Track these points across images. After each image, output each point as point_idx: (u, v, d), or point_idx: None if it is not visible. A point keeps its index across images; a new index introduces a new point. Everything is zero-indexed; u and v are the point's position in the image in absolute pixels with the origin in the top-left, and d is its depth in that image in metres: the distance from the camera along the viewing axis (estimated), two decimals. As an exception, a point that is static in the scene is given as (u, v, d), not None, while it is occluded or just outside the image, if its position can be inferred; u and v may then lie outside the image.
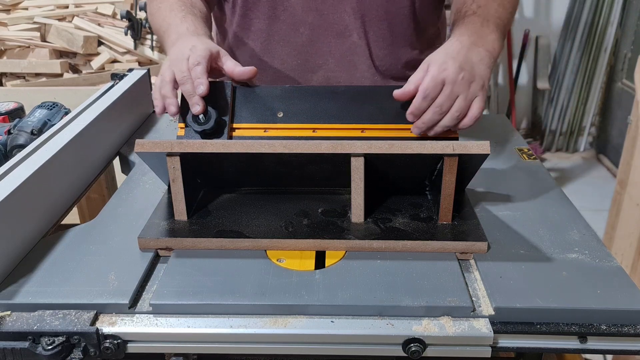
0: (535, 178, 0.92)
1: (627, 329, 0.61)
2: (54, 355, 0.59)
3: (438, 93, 0.81)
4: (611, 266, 0.69)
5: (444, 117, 0.81)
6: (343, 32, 1.09)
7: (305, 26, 1.09)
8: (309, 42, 1.10)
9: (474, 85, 0.83)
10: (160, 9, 1.03)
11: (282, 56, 1.12)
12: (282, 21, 1.09)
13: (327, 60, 1.12)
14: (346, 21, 1.08)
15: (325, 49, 1.11)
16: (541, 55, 3.48)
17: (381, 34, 1.11)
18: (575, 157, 3.57)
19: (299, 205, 0.80)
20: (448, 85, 0.81)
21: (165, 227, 0.75)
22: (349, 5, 1.07)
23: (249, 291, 0.64)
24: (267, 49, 1.13)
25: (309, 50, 1.11)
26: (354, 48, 1.11)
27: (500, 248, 0.72)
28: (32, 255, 0.72)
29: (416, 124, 0.83)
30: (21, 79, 2.57)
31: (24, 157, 0.80)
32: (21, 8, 2.69)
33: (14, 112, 1.16)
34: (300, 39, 1.10)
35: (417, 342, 0.60)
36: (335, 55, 1.11)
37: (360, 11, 1.07)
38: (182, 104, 0.85)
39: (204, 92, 0.81)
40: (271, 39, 1.11)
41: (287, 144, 0.72)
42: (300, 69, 1.12)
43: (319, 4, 1.07)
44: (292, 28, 1.09)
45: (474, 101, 0.83)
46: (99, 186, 1.25)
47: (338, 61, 1.12)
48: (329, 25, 1.09)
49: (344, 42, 1.10)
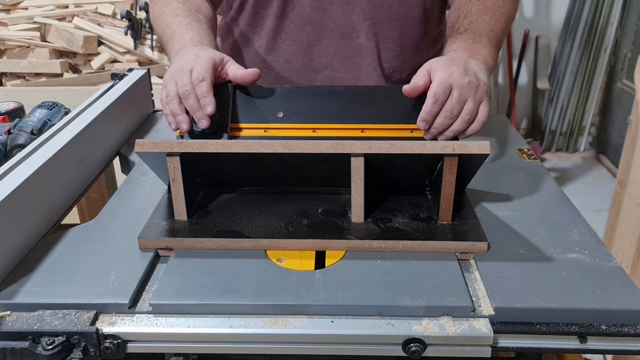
0: (535, 178, 0.92)
1: (627, 329, 0.61)
2: (54, 355, 0.59)
3: (447, 97, 0.81)
4: (611, 266, 0.69)
5: (455, 121, 0.81)
6: (350, 33, 1.09)
7: (313, 25, 1.09)
8: (315, 41, 1.10)
9: (480, 90, 0.83)
10: (164, 13, 1.01)
11: (287, 55, 1.12)
12: (291, 20, 1.09)
13: (333, 61, 1.12)
14: (354, 22, 1.08)
15: (331, 49, 1.11)
16: (541, 55, 3.48)
17: (391, 35, 1.10)
18: (575, 157, 3.57)
19: (299, 205, 0.80)
20: (456, 89, 0.81)
21: (165, 227, 0.75)
22: (359, 6, 1.07)
23: (249, 291, 0.64)
24: (273, 48, 1.12)
25: (314, 49, 1.11)
26: (360, 49, 1.11)
27: (500, 248, 0.72)
28: (32, 255, 0.72)
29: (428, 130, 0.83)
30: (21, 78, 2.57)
31: (24, 157, 0.80)
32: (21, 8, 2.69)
33: (14, 112, 1.16)
34: (306, 38, 1.10)
35: (417, 342, 0.60)
36: (341, 56, 1.11)
37: (370, 12, 1.07)
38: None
39: (211, 112, 0.81)
40: (278, 38, 1.11)
41: (287, 144, 0.72)
42: (305, 68, 1.12)
43: (327, 4, 1.06)
44: (300, 27, 1.09)
45: (480, 105, 0.83)
46: (99, 186, 1.25)
47: (343, 62, 1.12)
48: (335, 26, 1.08)
49: (351, 43, 1.10)
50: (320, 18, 1.08)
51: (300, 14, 1.08)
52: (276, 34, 1.11)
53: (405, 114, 0.84)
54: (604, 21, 3.25)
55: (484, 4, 0.99)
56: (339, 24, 1.08)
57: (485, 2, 1.00)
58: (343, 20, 1.08)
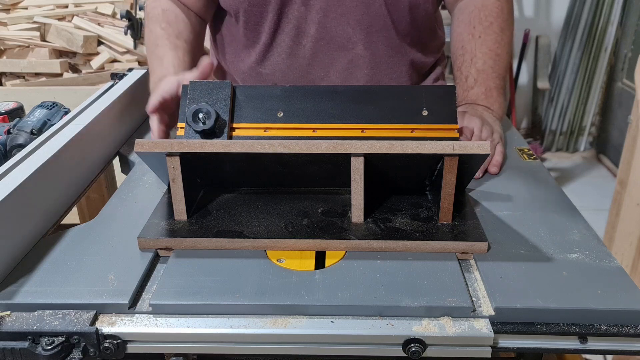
0: (535, 178, 0.92)
1: (628, 329, 0.61)
2: (54, 356, 0.59)
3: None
4: (611, 266, 0.68)
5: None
6: (346, 44, 1.09)
7: (308, 38, 1.09)
8: (311, 54, 1.10)
9: (495, 135, 0.98)
10: (150, 39, 1.09)
11: (282, 68, 1.12)
12: (286, 33, 1.09)
13: (328, 73, 1.12)
14: (349, 33, 1.08)
15: (327, 62, 1.11)
16: (541, 55, 3.48)
17: (388, 43, 1.11)
18: (575, 157, 3.57)
19: (299, 205, 0.80)
20: (475, 137, 0.95)
21: (165, 227, 0.75)
22: (353, 18, 1.07)
23: (249, 291, 0.64)
24: (268, 61, 1.12)
25: (310, 62, 1.11)
26: (356, 60, 1.11)
27: (500, 248, 0.72)
28: (32, 255, 0.72)
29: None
30: (21, 78, 2.56)
31: (23, 157, 0.80)
32: (21, 7, 2.69)
33: (13, 111, 1.16)
34: (302, 51, 1.10)
35: (417, 342, 0.60)
36: (337, 67, 1.11)
37: (365, 22, 1.08)
38: (181, 103, 0.85)
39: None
40: (273, 51, 1.11)
41: (287, 144, 0.72)
42: (301, 81, 1.12)
43: (321, 17, 1.07)
44: (295, 41, 1.09)
45: (496, 148, 0.96)
46: (99, 186, 1.25)
47: (339, 74, 1.12)
48: (331, 38, 1.09)
49: (347, 54, 1.10)
50: (315, 31, 1.08)
51: (296, 27, 1.08)
52: (271, 47, 1.11)
53: (406, 114, 0.84)
54: (604, 21, 3.25)
55: (486, 44, 1.08)
56: (334, 37, 1.08)
57: (486, 41, 1.08)
58: (338, 32, 1.08)
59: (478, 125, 0.97)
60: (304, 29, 1.08)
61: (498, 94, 1.07)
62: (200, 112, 0.83)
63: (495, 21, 1.09)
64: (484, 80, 1.07)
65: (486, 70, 1.07)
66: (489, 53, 1.08)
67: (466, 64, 1.09)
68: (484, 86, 1.07)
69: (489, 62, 1.08)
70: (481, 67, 1.08)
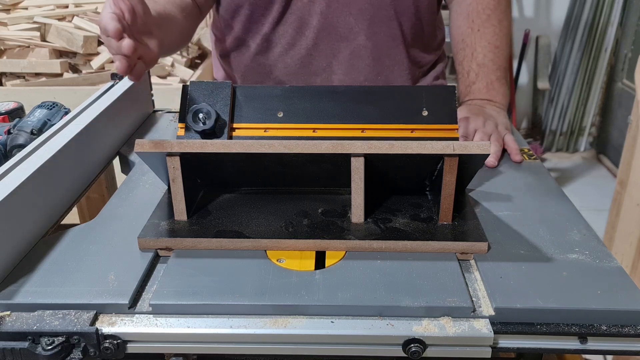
0: (535, 178, 0.92)
1: (628, 329, 0.61)
2: (54, 356, 0.59)
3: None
4: (611, 266, 0.68)
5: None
6: (347, 35, 1.09)
7: (310, 29, 1.09)
8: (313, 45, 1.10)
9: (500, 127, 1.00)
10: None
11: (285, 59, 1.12)
12: (289, 24, 1.09)
13: (331, 63, 1.12)
14: (351, 23, 1.08)
15: (329, 52, 1.11)
16: (541, 55, 3.48)
17: (391, 34, 1.11)
18: (575, 157, 3.57)
19: (299, 205, 0.80)
20: (479, 133, 0.97)
21: (165, 227, 0.75)
22: (356, 7, 1.07)
23: (249, 291, 0.64)
24: (270, 52, 1.12)
25: (312, 53, 1.11)
26: (358, 51, 1.11)
27: (500, 248, 0.72)
28: (32, 255, 0.72)
29: None
30: (21, 78, 2.56)
31: (23, 157, 0.80)
32: (21, 8, 2.68)
33: (13, 111, 1.16)
34: (304, 42, 1.10)
35: (417, 342, 0.60)
36: (339, 58, 1.11)
37: (368, 12, 1.08)
38: (181, 103, 0.85)
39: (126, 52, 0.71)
40: (277, 42, 1.11)
41: (287, 144, 0.72)
42: (303, 71, 1.12)
43: (324, 7, 1.07)
44: (298, 31, 1.09)
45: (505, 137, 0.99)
46: (99, 186, 1.25)
47: (341, 64, 1.12)
48: (333, 29, 1.09)
49: (349, 45, 1.10)
50: (318, 21, 1.08)
51: (299, 18, 1.08)
52: (273, 38, 1.11)
53: (406, 114, 0.84)
54: (604, 21, 3.25)
55: (485, 37, 1.10)
56: (336, 27, 1.08)
57: (485, 34, 1.10)
58: (340, 22, 1.08)
59: (481, 123, 0.99)
60: (307, 20, 1.08)
61: (500, 85, 1.10)
62: (200, 112, 0.83)
63: (492, 13, 1.10)
64: (485, 75, 1.09)
65: (486, 64, 1.10)
66: (489, 46, 1.10)
67: (467, 59, 1.11)
68: (485, 80, 1.09)
69: (489, 56, 1.10)
70: (481, 61, 1.10)
